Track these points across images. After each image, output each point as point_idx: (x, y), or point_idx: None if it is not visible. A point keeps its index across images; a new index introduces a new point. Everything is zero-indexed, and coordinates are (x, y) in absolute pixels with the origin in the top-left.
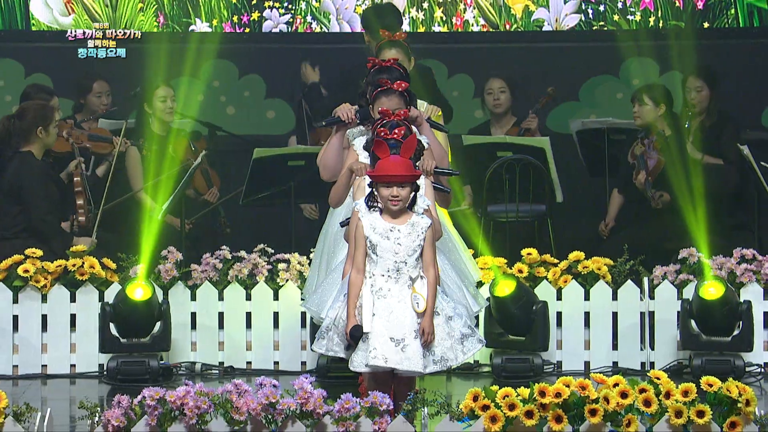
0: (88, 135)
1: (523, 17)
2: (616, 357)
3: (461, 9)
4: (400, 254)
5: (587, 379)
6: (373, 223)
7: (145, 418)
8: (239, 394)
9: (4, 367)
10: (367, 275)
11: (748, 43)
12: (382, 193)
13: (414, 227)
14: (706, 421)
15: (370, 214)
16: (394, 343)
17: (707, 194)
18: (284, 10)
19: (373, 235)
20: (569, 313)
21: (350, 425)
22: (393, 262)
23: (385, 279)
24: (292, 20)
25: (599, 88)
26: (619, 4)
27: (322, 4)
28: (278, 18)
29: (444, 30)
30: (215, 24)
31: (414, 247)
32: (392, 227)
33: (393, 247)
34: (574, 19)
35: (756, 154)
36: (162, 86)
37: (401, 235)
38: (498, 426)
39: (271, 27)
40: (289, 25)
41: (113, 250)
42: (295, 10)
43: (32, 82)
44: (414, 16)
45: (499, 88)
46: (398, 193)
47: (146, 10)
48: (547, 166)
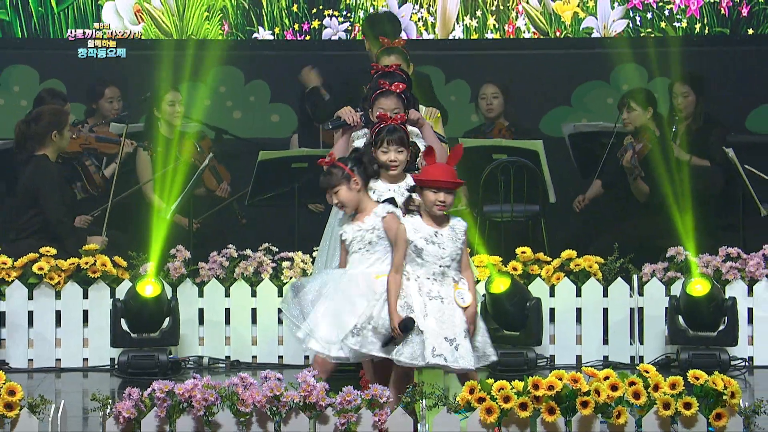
0: (96, 137)
1: (572, 24)
2: (606, 351)
3: (513, 17)
4: (444, 258)
5: (579, 373)
6: (417, 227)
7: (154, 410)
8: (245, 387)
9: (19, 361)
10: (412, 277)
11: (733, 50)
12: (429, 198)
13: (455, 231)
14: (692, 413)
15: (411, 218)
16: (449, 343)
17: (694, 195)
18: (343, 18)
19: (418, 240)
20: (562, 309)
21: (351, 417)
22: (438, 266)
23: (431, 282)
24: (351, 28)
25: (590, 93)
26: (666, 12)
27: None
28: (337, 26)
29: (497, 37)
30: (277, 32)
31: (456, 251)
32: (436, 232)
33: (438, 251)
34: (621, 24)
35: (741, 156)
36: (170, 91)
37: (444, 240)
38: (493, 418)
39: (330, 35)
40: (348, 32)
41: (124, 248)
42: (353, 19)
43: (46, 87)
44: (467, 24)
45: (492, 93)
46: (445, 199)
47: (211, 19)
48: (540, 168)
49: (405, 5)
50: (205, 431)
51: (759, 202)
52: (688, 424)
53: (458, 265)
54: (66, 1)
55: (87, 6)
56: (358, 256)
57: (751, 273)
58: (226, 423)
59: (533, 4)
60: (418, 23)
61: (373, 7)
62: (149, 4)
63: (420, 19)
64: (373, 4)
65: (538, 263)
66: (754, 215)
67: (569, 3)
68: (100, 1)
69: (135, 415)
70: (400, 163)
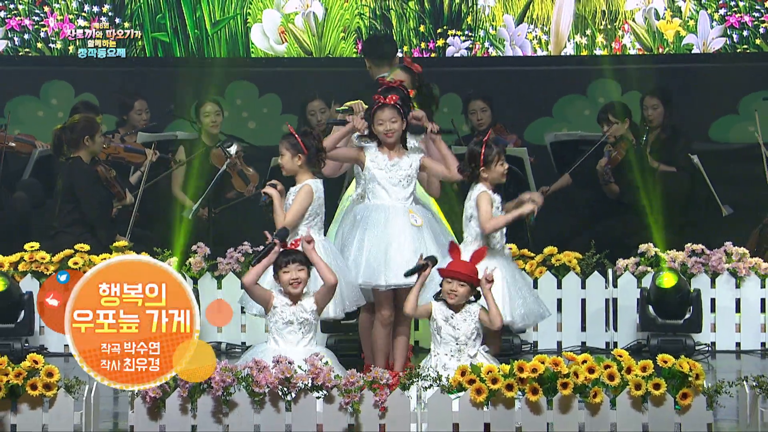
0: (124, 147)
1: (675, 41)
2: (584, 337)
3: (619, 35)
4: (460, 338)
5: (559, 357)
6: (441, 308)
7: (177, 390)
8: (259, 370)
9: (56, 346)
10: (433, 354)
11: (698, 67)
12: (445, 287)
13: (469, 314)
14: (661, 393)
15: (437, 302)
16: None
17: (663, 197)
18: (465, 37)
19: (439, 320)
20: (544, 299)
21: (355, 396)
22: (455, 344)
23: (449, 357)
24: (472, 46)
25: (569, 105)
26: (761, 29)
27: (497, 32)
28: (459, 44)
29: (604, 54)
30: (406, 50)
31: (470, 332)
32: (452, 314)
33: (453, 332)
34: (719, 42)
35: (704, 162)
36: (209, 102)
37: (457, 322)
38: (482, 397)
39: (454, 52)
40: (469, 50)
41: (150, 244)
42: (475, 37)
43: (81, 100)
44: (578, 41)
45: (481, 107)
46: (456, 288)
47: (347, 39)
48: (525, 172)
49: (521, 25)
50: (222, 410)
51: (720, 204)
52: (657, 403)
53: (476, 342)
54: (219, 24)
55: (237, 28)
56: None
57: (714, 267)
58: (242, 402)
59: (639, 23)
60: (533, 41)
61: (492, 27)
62: (293, 25)
63: (534, 37)
64: (492, 24)
65: (523, 258)
66: (716, 215)
67: (672, 22)
68: (249, 24)
69: (160, 395)
70: (395, 131)
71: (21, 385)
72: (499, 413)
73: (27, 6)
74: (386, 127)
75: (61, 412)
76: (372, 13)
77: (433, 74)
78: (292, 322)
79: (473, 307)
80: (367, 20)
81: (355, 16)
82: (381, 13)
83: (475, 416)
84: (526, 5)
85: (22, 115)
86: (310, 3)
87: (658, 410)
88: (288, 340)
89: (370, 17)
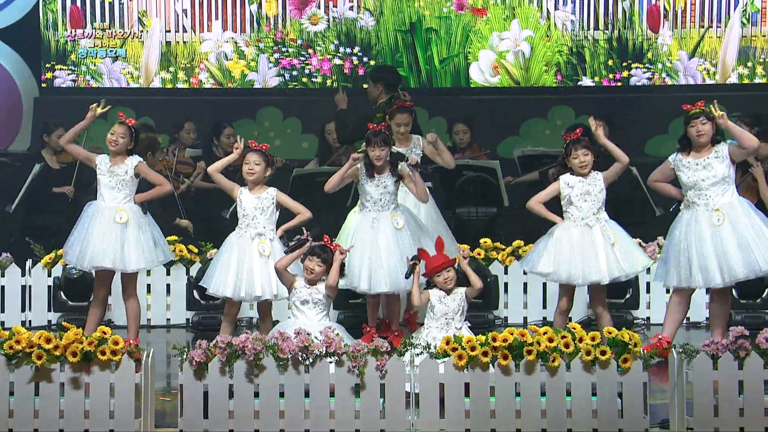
0: (177, 160)
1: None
2: (545, 314)
3: None
4: (449, 314)
5: (525, 329)
6: (435, 293)
7: (218, 356)
8: (283, 340)
9: (121, 320)
10: (426, 327)
11: (632, 96)
12: (440, 281)
13: (457, 294)
14: (607, 358)
15: (434, 291)
16: None
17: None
18: (645, 69)
19: (434, 301)
20: (513, 282)
21: (360, 361)
22: (444, 319)
23: (438, 330)
24: (651, 77)
25: (533, 126)
26: None
27: (673, 65)
28: (641, 75)
29: (764, 82)
30: (596, 80)
31: (457, 307)
32: (444, 295)
33: (444, 309)
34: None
35: (641, 172)
36: (227, 127)
37: (448, 301)
38: (463, 362)
39: (636, 81)
40: (649, 80)
41: (196, 238)
42: (654, 69)
43: (140, 122)
44: (740, 72)
45: (463, 129)
46: (449, 275)
47: (549, 71)
48: (497, 181)
49: (693, 59)
50: (254, 372)
51: (654, 206)
52: (604, 366)
53: (462, 317)
54: (446, 60)
55: (461, 61)
56: None
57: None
58: (269, 366)
59: None
60: (702, 72)
61: (669, 60)
62: (505, 60)
63: (704, 69)
64: (669, 58)
65: (495, 250)
66: (651, 214)
67: None
68: (470, 60)
69: (204, 359)
70: (383, 157)
71: (93, 351)
72: (477, 375)
73: (296, 48)
74: (377, 153)
75: (125, 374)
76: (569, 50)
77: (422, 101)
78: (307, 301)
79: (460, 289)
80: (566, 56)
81: (555, 53)
82: (577, 50)
83: (458, 377)
84: (698, 42)
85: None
86: (519, 42)
87: (605, 372)
88: (307, 315)
89: (568, 54)
